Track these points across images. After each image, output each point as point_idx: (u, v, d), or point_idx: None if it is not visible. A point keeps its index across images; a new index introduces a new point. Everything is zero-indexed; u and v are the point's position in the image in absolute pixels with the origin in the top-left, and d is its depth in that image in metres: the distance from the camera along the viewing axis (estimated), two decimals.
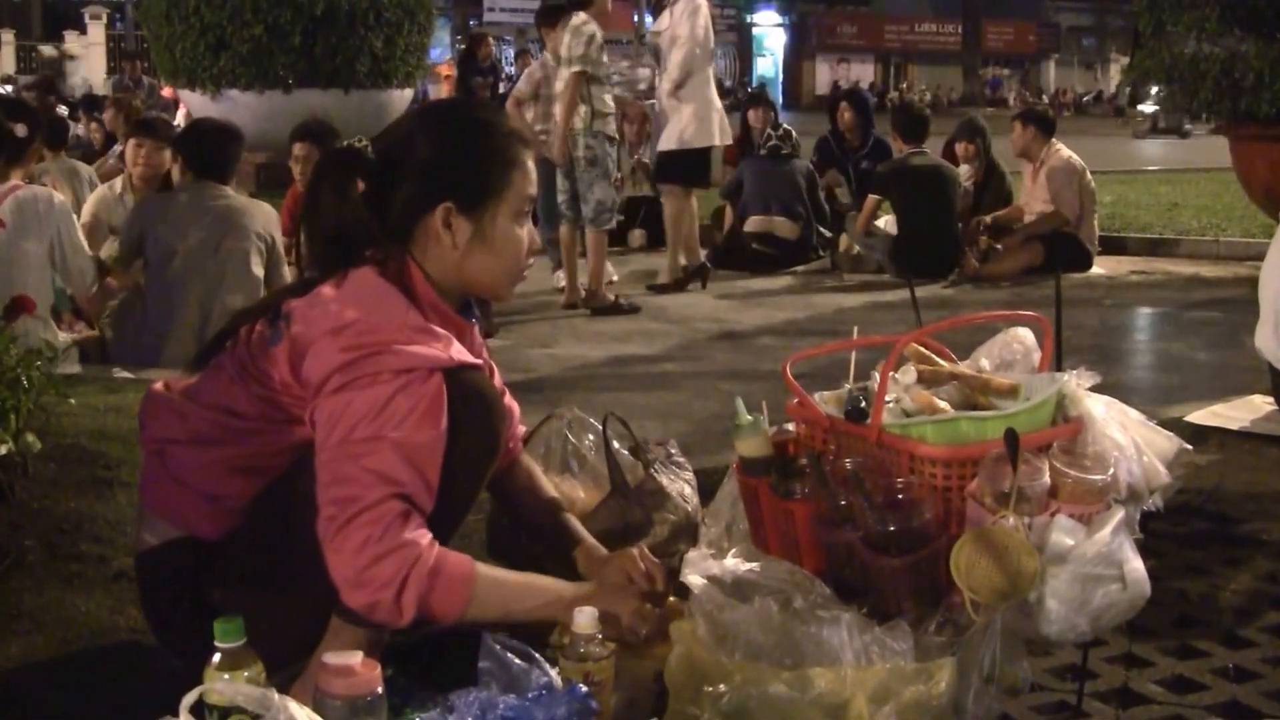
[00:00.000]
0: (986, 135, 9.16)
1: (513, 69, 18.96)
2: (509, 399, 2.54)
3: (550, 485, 2.60)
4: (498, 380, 2.51)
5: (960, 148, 9.18)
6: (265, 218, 5.29)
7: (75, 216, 5.33)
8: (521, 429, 2.63)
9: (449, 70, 22.90)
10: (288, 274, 5.27)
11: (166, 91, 17.21)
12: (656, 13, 7.86)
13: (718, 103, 7.92)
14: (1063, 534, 2.13)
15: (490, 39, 13.93)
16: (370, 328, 2.02)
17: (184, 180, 5.26)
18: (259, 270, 5.17)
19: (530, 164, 2.25)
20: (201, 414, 2.18)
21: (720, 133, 7.88)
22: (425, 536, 2.01)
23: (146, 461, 2.25)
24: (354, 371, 2.00)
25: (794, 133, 9.12)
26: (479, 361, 2.20)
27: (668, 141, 7.76)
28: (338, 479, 1.99)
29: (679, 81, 7.68)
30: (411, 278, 2.15)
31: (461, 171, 2.17)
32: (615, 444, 2.85)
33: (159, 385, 2.30)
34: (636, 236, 9.76)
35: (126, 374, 4.75)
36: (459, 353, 2.10)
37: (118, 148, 8.59)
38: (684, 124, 7.68)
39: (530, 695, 1.83)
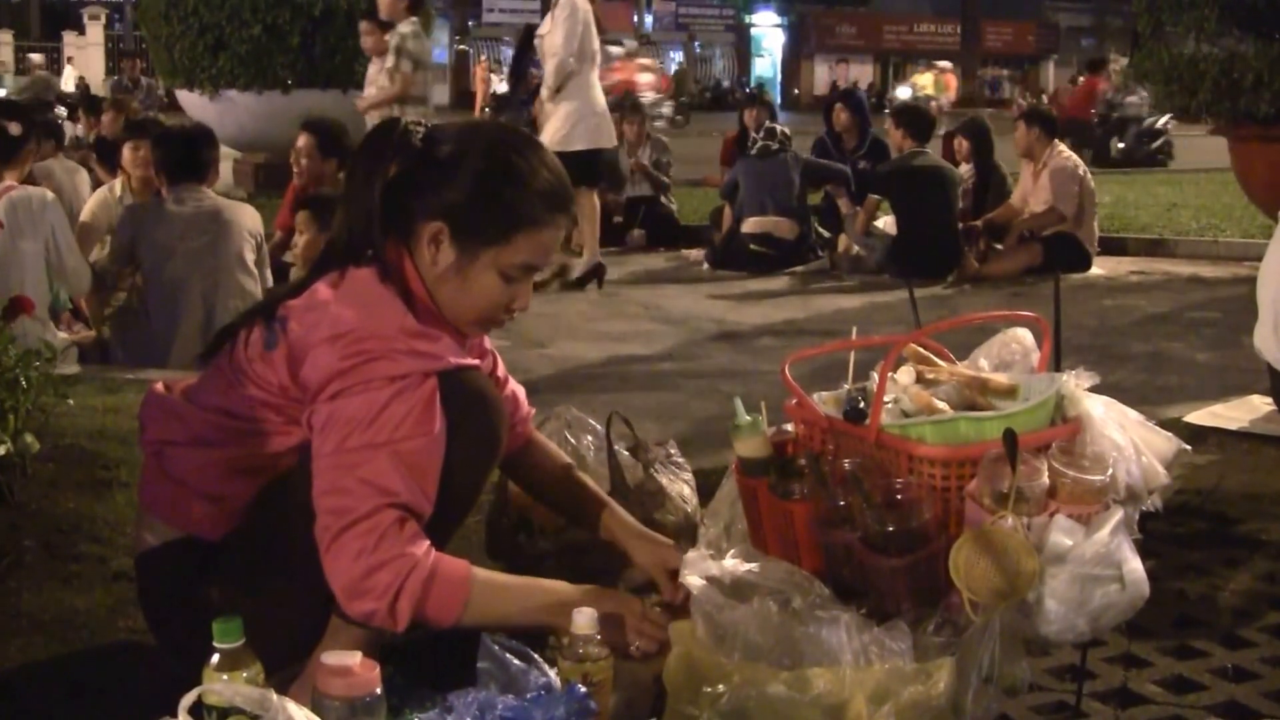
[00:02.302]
0: (989, 136, 9.16)
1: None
2: (512, 384, 2.53)
3: (563, 455, 2.61)
4: (501, 369, 2.51)
5: (957, 143, 9.19)
6: (251, 217, 5.32)
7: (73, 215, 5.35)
8: (531, 410, 2.61)
9: (482, 71, 22.70)
10: (269, 275, 5.30)
11: None
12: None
13: (600, 105, 7.99)
14: (1061, 534, 2.13)
15: None
16: (367, 333, 2.02)
17: (163, 187, 5.27)
18: (254, 268, 5.20)
19: (548, 233, 2.17)
20: (201, 416, 2.18)
21: (599, 135, 7.91)
22: (421, 545, 2.00)
23: (146, 462, 2.25)
24: (350, 379, 1.99)
25: (779, 129, 9.12)
26: (476, 362, 2.20)
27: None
28: (333, 488, 1.99)
29: (555, 89, 7.77)
30: (408, 279, 2.15)
31: (467, 205, 2.12)
32: (616, 444, 2.85)
33: (159, 386, 2.29)
34: (636, 236, 9.78)
35: (127, 374, 4.75)
36: (455, 354, 2.10)
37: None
38: (556, 127, 7.76)
39: (529, 696, 1.83)
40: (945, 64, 25.91)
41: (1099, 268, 8.51)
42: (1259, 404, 4.15)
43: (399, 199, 2.16)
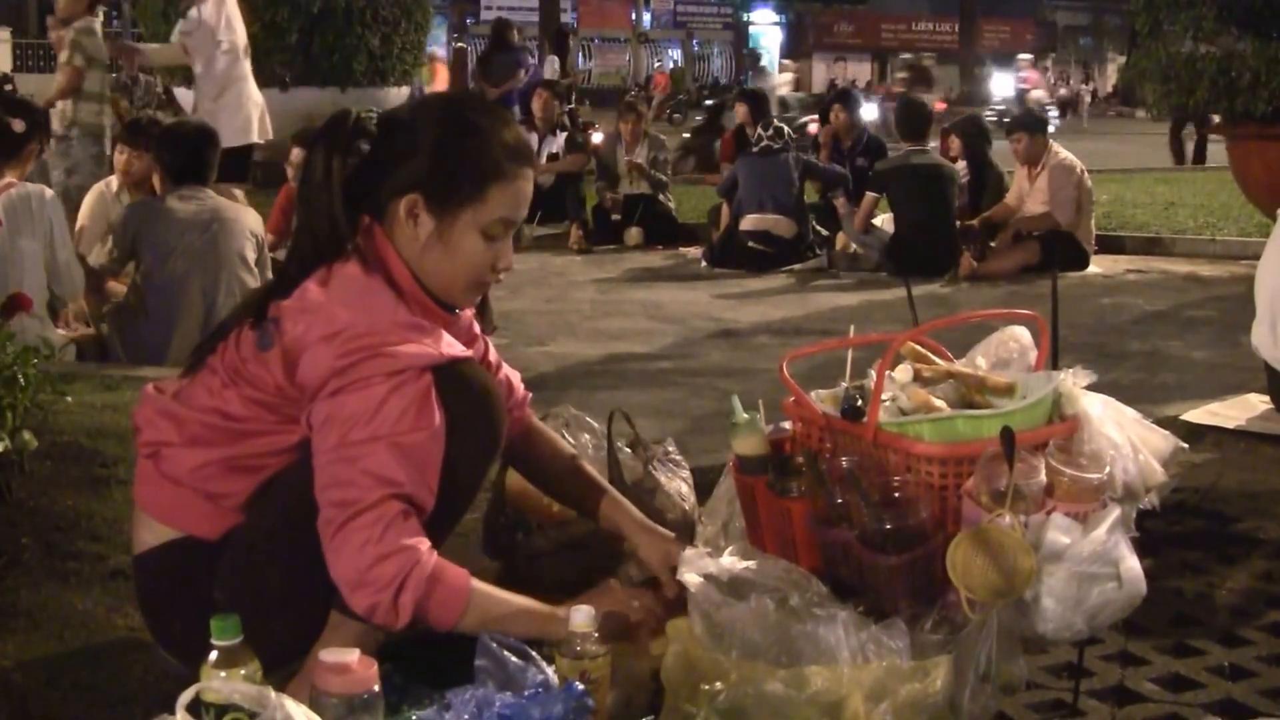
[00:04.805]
0: (984, 134, 9.15)
1: None
2: (505, 370, 2.53)
3: (567, 445, 2.60)
4: (493, 354, 2.50)
5: (950, 141, 9.20)
6: (253, 217, 5.33)
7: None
8: (527, 394, 2.59)
9: (440, 66, 21.49)
10: (270, 276, 5.29)
11: None
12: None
13: (258, 97, 8.11)
14: (1059, 532, 2.13)
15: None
16: (362, 331, 2.02)
17: (164, 186, 5.27)
18: (255, 267, 5.20)
19: (520, 185, 2.18)
20: (196, 417, 2.17)
21: (264, 128, 8.03)
22: (425, 542, 2.01)
23: (141, 464, 2.24)
24: (348, 376, 2.00)
25: (785, 128, 9.13)
26: (470, 353, 2.19)
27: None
28: (336, 482, 1.99)
29: (223, 89, 7.85)
30: (390, 266, 2.14)
31: (437, 168, 2.13)
32: (617, 440, 2.85)
33: (151, 388, 2.29)
34: (633, 234, 9.77)
35: (125, 372, 4.75)
36: (449, 346, 2.10)
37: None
38: (233, 122, 7.78)
39: (527, 693, 1.83)
40: (437, 50, 23.34)
41: (1096, 266, 8.51)
42: (1256, 402, 4.15)
43: (368, 185, 2.17)
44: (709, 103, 17.44)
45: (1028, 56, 28.64)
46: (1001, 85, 31.63)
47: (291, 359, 2.06)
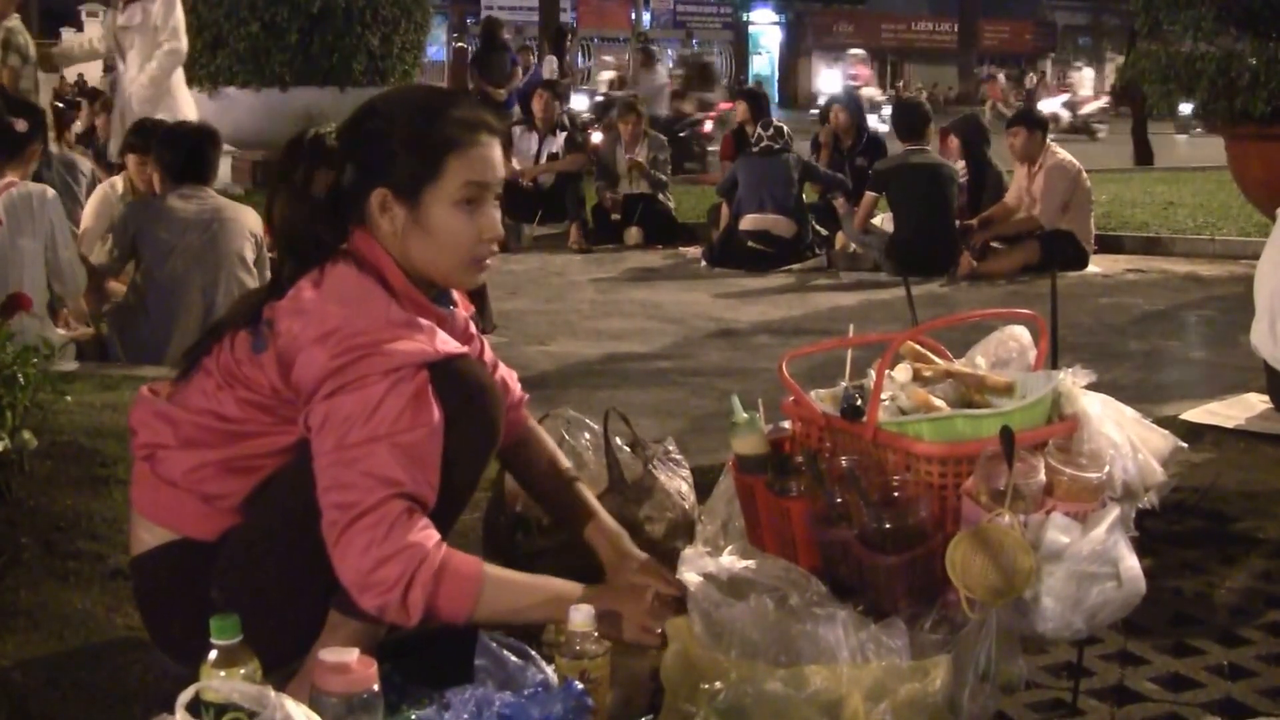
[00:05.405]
0: (983, 134, 9.15)
1: None
2: (502, 369, 2.52)
3: (564, 459, 2.59)
4: (489, 353, 2.49)
5: (948, 141, 9.20)
6: (252, 218, 5.32)
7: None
8: (524, 395, 2.58)
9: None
10: (269, 276, 5.29)
11: None
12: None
13: (191, 102, 8.15)
14: (1058, 532, 2.13)
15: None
16: (356, 330, 2.02)
17: (164, 185, 5.27)
18: (254, 267, 5.20)
19: (483, 151, 2.16)
20: (191, 419, 2.17)
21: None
22: (432, 538, 2.01)
23: (137, 467, 2.24)
24: (344, 376, 2.00)
25: (785, 128, 9.13)
26: (465, 349, 2.19)
27: None
28: (337, 484, 1.99)
29: (164, 90, 7.85)
30: (382, 267, 2.14)
31: (393, 156, 2.13)
32: (616, 440, 2.85)
33: (146, 391, 2.28)
34: (633, 234, 9.77)
35: (125, 371, 4.75)
36: (443, 343, 2.10)
37: None
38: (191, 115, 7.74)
39: (526, 692, 1.83)
40: None
41: (1096, 265, 8.50)
42: (1255, 402, 4.16)
43: (351, 195, 2.17)
44: (598, 99, 17.09)
45: (858, 51, 26.89)
46: (829, 81, 29.50)
47: (286, 360, 2.06)
